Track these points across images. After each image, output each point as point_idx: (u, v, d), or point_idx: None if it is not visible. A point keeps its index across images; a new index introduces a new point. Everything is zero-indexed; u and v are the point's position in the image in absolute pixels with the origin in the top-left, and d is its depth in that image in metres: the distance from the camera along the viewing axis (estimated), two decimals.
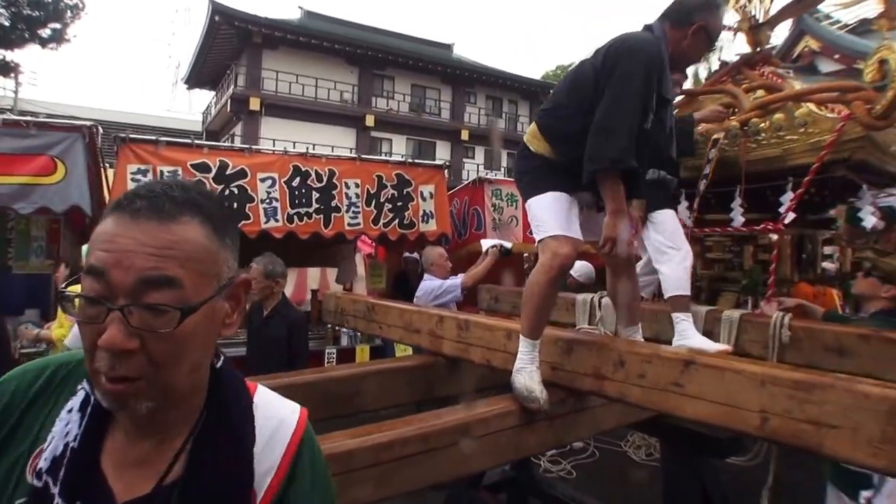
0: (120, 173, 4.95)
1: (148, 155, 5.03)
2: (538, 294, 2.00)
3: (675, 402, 1.67)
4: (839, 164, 2.93)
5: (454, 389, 2.83)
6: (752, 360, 1.70)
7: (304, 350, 3.83)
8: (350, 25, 26.25)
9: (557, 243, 1.99)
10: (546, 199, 2.06)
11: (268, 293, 3.85)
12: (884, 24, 2.61)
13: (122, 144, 4.99)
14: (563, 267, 2.01)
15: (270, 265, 3.82)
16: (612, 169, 1.92)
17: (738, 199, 3.23)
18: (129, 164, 4.95)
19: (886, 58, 2.53)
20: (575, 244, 2.01)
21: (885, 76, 2.55)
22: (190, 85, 28.39)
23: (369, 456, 1.52)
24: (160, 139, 5.22)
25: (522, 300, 2.05)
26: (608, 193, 1.96)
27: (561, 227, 2.01)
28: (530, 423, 1.93)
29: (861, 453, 1.21)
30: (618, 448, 5.00)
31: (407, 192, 6.10)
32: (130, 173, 4.96)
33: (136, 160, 4.98)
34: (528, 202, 2.15)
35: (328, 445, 1.49)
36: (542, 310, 2.01)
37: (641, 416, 2.28)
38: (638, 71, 1.91)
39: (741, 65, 3.69)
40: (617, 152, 1.89)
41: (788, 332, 2.48)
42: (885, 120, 2.57)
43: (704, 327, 2.88)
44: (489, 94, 28.02)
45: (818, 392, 1.32)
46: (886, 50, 2.54)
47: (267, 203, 5.40)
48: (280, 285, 3.90)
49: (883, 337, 2.22)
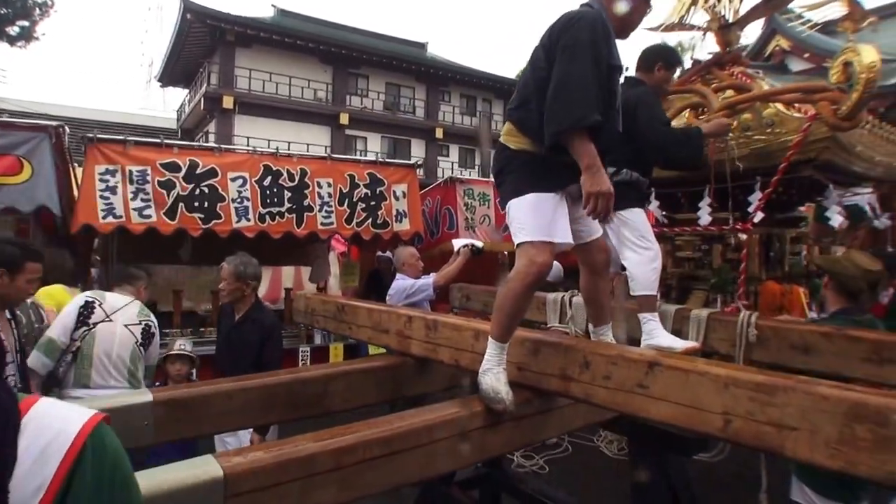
0: (88, 174, 4.89)
1: (116, 155, 4.97)
2: (513, 301, 1.96)
3: (640, 403, 1.66)
4: (806, 163, 2.96)
5: (423, 389, 2.82)
6: (716, 362, 1.69)
7: (276, 359, 3.51)
8: (324, 24, 26.12)
9: (535, 250, 1.94)
10: (527, 202, 2.00)
11: (238, 296, 3.53)
12: (848, 25, 2.64)
13: (90, 144, 4.93)
14: (541, 274, 1.96)
15: (242, 266, 3.50)
16: (576, 127, 1.85)
17: (706, 199, 3.25)
18: (97, 164, 4.90)
19: (851, 60, 2.55)
20: (552, 250, 1.96)
21: (850, 78, 2.58)
22: (163, 83, 28.04)
23: (331, 459, 1.51)
24: (128, 139, 5.15)
25: (496, 304, 2.01)
26: (578, 151, 1.88)
27: (541, 231, 1.96)
28: (496, 424, 1.91)
29: (819, 454, 1.21)
30: (590, 443, 5.03)
31: (380, 192, 6.06)
32: (98, 173, 4.90)
33: (104, 160, 4.92)
34: (509, 204, 2.07)
35: (289, 449, 1.47)
36: (514, 316, 1.98)
37: (608, 416, 2.28)
38: (583, 37, 1.89)
39: (711, 65, 3.71)
40: (578, 109, 1.84)
41: (755, 330, 2.50)
42: (850, 120, 2.61)
43: (673, 326, 2.89)
44: (463, 93, 28.05)
45: (780, 394, 1.32)
46: (851, 52, 2.56)
47: (238, 202, 5.35)
48: (252, 287, 3.58)
49: (845, 335, 2.25)
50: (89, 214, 4.83)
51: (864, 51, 2.49)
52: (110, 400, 2.03)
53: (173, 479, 1.27)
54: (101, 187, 4.88)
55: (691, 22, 3.86)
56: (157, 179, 5.06)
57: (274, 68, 22.97)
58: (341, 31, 25.81)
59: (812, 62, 14.74)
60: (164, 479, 1.26)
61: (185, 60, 24.64)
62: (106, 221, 4.89)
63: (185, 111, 26.47)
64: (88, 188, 4.87)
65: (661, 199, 3.59)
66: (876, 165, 3.26)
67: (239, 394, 2.21)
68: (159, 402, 1.99)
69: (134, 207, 4.97)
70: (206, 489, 1.28)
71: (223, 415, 2.17)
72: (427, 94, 26.78)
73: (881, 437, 1.10)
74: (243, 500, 1.34)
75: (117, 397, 2.15)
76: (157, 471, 1.31)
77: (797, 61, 19.49)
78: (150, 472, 1.31)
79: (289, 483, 1.42)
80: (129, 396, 2.09)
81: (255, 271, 3.56)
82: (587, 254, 2.25)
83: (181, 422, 2.06)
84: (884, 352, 2.15)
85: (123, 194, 4.94)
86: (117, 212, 4.92)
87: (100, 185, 4.88)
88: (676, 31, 3.99)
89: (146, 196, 5.02)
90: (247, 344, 3.47)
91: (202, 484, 1.28)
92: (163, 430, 2.00)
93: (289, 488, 1.42)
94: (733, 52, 3.69)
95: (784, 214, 3.52)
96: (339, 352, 6.48)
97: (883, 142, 3.27)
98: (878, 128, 3.22)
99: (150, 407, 1.96)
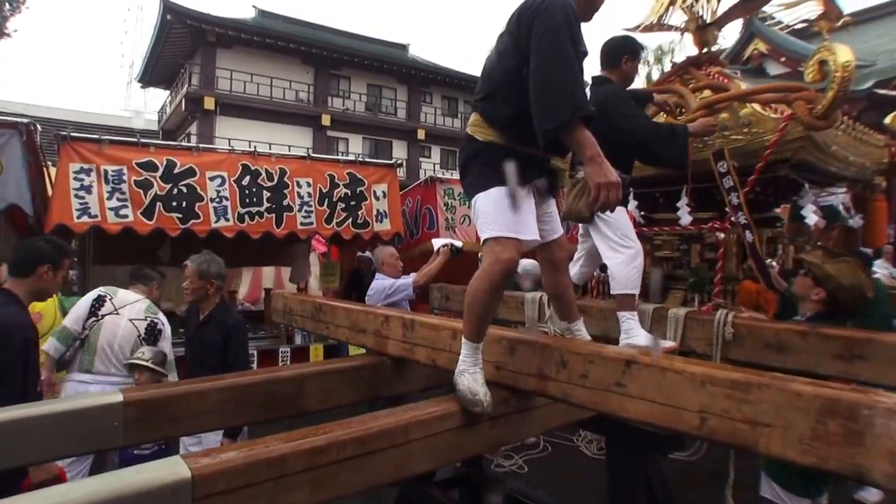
0: (62, 172, 4.84)
1: (91, 154, 4.93)
2: (481, 300, 1.92)
3: (618, 402, 1.65)
4: (782, 163, 2.97)
5: (400, 390, 2.80)
6: (692, 360, 1.68)
7: (242, 360, 3.48)
8: (305, 25, 26.10)
9: (501, 247, 1.89)
10: (492, 196, 1.92)
11: (202, 295, 3.44)
12: (824, 24, 2.65)
13: (64, 143, 4.87)
14: (507, 271, 1.91)
15: (206, 264, 3.41)
16: (574, 119, 1.76)
17: (685, 199, 3.26)
18: (71, 162, 4.86)
19: (826, 59, 2.55)
20: (518, 247, 1.91)
21: (826, 77, 2.57)
22: (144, 84, 27.90)
23: (304, 460, 1.48)
24: (103, 137, 5.09)
25: (465, 304, 1.97)
26: (579, 142, 1.79)
27: (506, 227, 1.90)
28: (472, 424, 1.89)
29: (792, 450, 1.20)
30: (570, 443, 5.04)
31: (360, 192, 6.06)
32: (73, 172, 4.86)
33: (78, 159, 4.88)
34: (475, 198, 2.00)
35: (260, 450, 1.44)
36: (485, 315, 1.94)
37: (586, 415, 2.27)
38: (558, 23, 1.80)
39: (689, 65, 3.73)
40: (573, 100, 1.75)
41: (731, 329, 2.51)
42: (825, 120, 2.62)
43: (651, 325, 2.89)
44: (445, 94, 28.15)
45: (755, 391, 1.31)
46: (826, 51, 2.56)
47: (217, 202, 5.33)
48: (216, 287, 3.47)
49: (819, 333, 2.28)
50: (64, 214, 4.77)
51: (840, 50, 2.50)
52: (79, 401, 1.98)
53: (138, 481, 1.24)
54: (76, 186, 4.83)
55: (669, 22, 3.88)
56: (134, 179, 5.01)
57: (255, 69, 22.92)
58: (322, 33, 25.80)
59: (789, 66, 15.00)
60: (130, 480, 1.23)
61: (165, 61, 24.51)
62: (81, 221, 4.83)
63: (167, 112, 26.27)
64: (63, 187, 4.81)
65: (640, 199, 3.59)
66: (850, 165, 3.30)
67: (213, 394, 2.17)
68: (130, 402, 1.93)
69: (110, 207, 4.93)
70: (172, 491, 1.25)
71: (196, 415, 2.12)
72: (409, 95, 26.85)
73: (851, 432, 1.10)
74: (212, 501, 1.31)
75: (87, 397, 2.10)
76: (122, 472, 1.28)
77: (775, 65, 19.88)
78: (115, 473, 1.29)
79: (260, 484, 1.39)
80: (98, 397, 2.03)
81: (218, 270, 3.47)
82: (549, 252, 2.23)
83: (153, 423, 2.01)
84: (854, 349, 2.17)
85: (99, 193, 4.90)
86: (92, 211, 4.88)
87: (74, 184, 4.84)
88: (655, 32, 4.01)
89: (122, 195, 4.98)
90: (211, 345, 3.42)
91: (168, 486, 1.25)
92: (134, 431, 1.94)
93: (260, 489, 1.39)
94: (711, 52, 3.71)
95: (761, 214, 3.52)
96: (319, 352, 6.48)
97: (857, 142, 3.31)
98: (852, 128, 3.25)
99: (121, 407, 1.91)
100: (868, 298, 2.49)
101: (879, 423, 1.06)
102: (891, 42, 21.11)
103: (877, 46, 21.23)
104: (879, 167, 3.61)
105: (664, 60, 20.36)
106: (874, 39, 21.68)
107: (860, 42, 21.67)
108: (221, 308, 3.53)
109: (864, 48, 21.37)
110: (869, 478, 1.08)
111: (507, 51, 1.94)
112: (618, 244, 2.89)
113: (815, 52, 2.65)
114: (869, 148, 3.44)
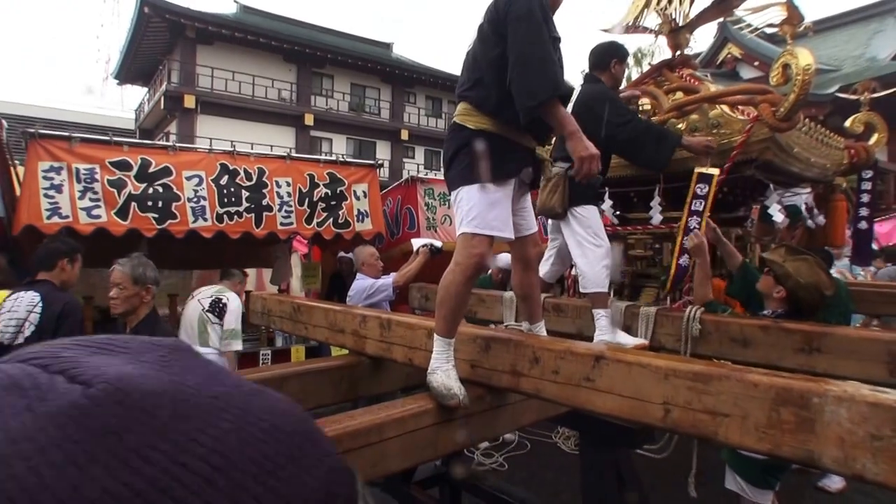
0: (30, 170, 4.60)
1: (61, 152, 4.70)
2: (454, 294, 1.96)
3: (587, 396, 1.69)
4: (748, 164, 3.06)
5: (379, 389, 2.82)
6: (657, 354, 1.74)
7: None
8: (288, 21, 25.71)
9: (475, 241, 1.95)
10: (474, 191, 1.97)
11: (136, 304, 2.89)
12: (787, 29, 2.75)
13: (31, 140, 4.64)
14: (478, 266, 1.98)
15: (141, 267, 2.92)
16: (554, 95, 1.85)
17: (657, 198, 3.33)
18: (39, 161, 4.62)
19: (789, 62, 2.65)
20: (491, 243, 1.97)
21: (789, 80, 2.67)
22: (120, 80, 27.00)
23: None
24: (73, 135, 4.88)
25: (437, 301, 2.00)
26: (559, 118, 1.89)
27: (485, 224, 1.95)
28: (447, 422, 1.92)
29: (749, 438, 1.25)
30: (548, 440, 5.09)
31: (340, 191, 6.00)
32: (42, 171, 4.62)
33: (47, 157, 4.66)
34: (458, 190, 2.03)
35: None
36: (457, 310, 1.98)
37: (560, 410, 2.31)
38: (532, 6, 1.90)
39: (662, 67, 3.82)
40: (549, 78, 1.85)
41: (699, 325, 2.58)
42: (787, 122, 2.72)
43: (624, 322, 2.96)
44: (429, 95, 27.98)
45: (714, 383, 1.36)
46: (789, 55, 2.66)
47: (195, 202, 5.20)
48: (152, 294, 2.99)
49: (780, 327, 2.37)
50: (32, 215, 4.57)
51: (801, 54, 2.60)
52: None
53: None
54: (46, 185, 4.63)
55: (644, 24, 3.96)
56: (107, 178, 4.83)
57: (237, 67, 22.38)
58: (306, 30, 25.42)
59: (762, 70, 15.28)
60: None
61: (143, 57, 23.85)
62: (51, 222, 4.62)
63: (144, 110, 25.56)
64: (31, 187, 4.60)
65: (615, 199, 3.66)
66: (812, 167, 3.41)
67: None
68: None
69: (82, 207, 4.73)
70: None
71: None
72: (392, 95, 26.62)
73: (803, 419, 1.15)
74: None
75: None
76: None
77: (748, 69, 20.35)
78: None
79: None
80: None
81: (155, 274, 3.01)
82: (522, 248, 2.27)
83: None
84: (813, 342, 2.28)
85: (70, 193, 4.70)
86: (63, 212, 4.67)
87: (44, 184, 4.63)
88: (631, 33, 4.10)
89: (95, 195, 4.79)
90: None
91: None
92: None
93: None
94: (683, 55, 3.81)
95: (730, 214, 3.64)
96: (300, 354, 6.44)
97: (818, 144, 3.42)
98: (813, 131, 3.36)
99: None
100: (826, 296, 2.56)
101: (829, 410, 1.12)
102: (856, 48, 21.77)
103: (842, 52, 21.93)
104: (839, 168, 3.74)
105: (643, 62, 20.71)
106: (842, 45, 22.36)
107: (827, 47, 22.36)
108: (150, 321, 2.97)
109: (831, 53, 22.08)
110: (820, 463, 1.13)
111: (489, 39, 2.00)
112: (588, 241, 2.95)
113: (779, 56, 2.75)
114: (829, 150, 3.57)
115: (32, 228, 4.56)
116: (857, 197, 4.09)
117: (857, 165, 3.80)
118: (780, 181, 3.43)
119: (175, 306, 6.67)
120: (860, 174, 3.97)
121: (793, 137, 3.10)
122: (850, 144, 3.76)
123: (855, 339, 2.26)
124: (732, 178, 3.13)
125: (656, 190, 3.33)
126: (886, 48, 20.55)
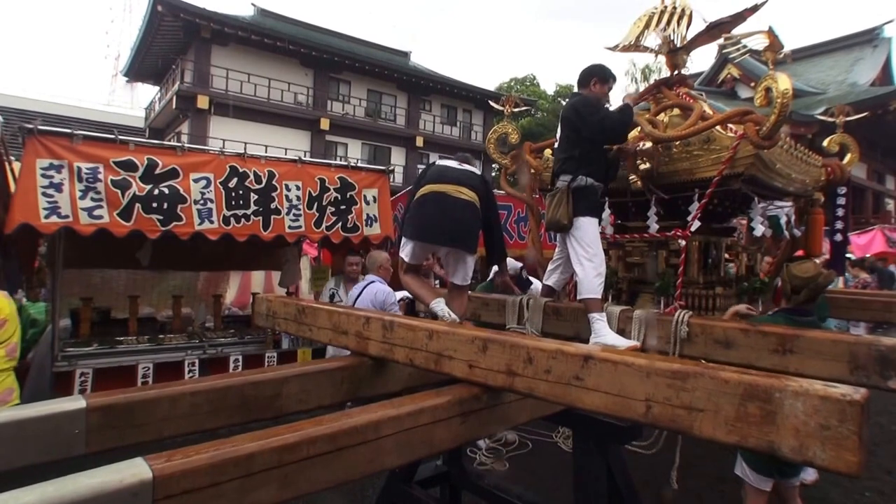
0: (28, 167, 4.45)
1: (61, 149, 4.57)
2: None
3: (577, 394, 1.77)
4: (735, 178, 3.29)
5: (380, 390, 2.88)
6: (640, 354, 1.84)
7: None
8: (305, 26, 25.72)
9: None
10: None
11: None
12: (769, 55, 2.98)
13: (29, 136, 4.49)
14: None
15: None
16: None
17: (653, 208, 3.51)
18: (38, 157, 4.48)
19: (770, 86, 2.89)
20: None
21: (770, 102, 2.90)
22: (130, 78, 27.03)
23: (272, 457, 1.48)
24: (76, 133, 4.72)
25: None
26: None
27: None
28: (443, 420, 1.98)
29: (720, 432, 1.35)
30: (549, 439, 5.19)
31: (350, 196, 6.05)
32: (41, 168, 4.48)
33: (47, 154, 4.52)
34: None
35: (227, 449, 1.43)
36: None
37: (554, 409, 2.41)
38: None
39: (661, 85, 4.09)
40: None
41: (686, 328, 2.75)
42: (769, 140, 2.98)
43: (618, 325, 3.10)
44: (444, 103, 28.19)
45: (691, 380, 1.46)
46: (770, 79, 2.90)
47: (201, 204, 5.13)
48: None
49: (758, 330, 2.58)
50: (28, 213, 4.41)
51: (780, 79, 2.84)
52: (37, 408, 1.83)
53: (96, 484, 1.19)
54: (44, 184, 4.47)
55: (646, 44, 4.15)
56: (111, 178, 4.70)
57: (253, 69, 22.29)
58: (323, 35, 25.47)
59: None
60: (87, 483, 1.19)
61: (155, 55, 23.70)
62: (49, 221, 4.47)
63: (155, 109, 25.39)
64: (27, 184, 4.44)
65: (614, 209, 3.89)
66: (793, 182, 3.67)
67: (185, 398, 2.07)
68: (94, 408, 1.84)
69: (83, 207, 4.60)
70: (131, 492, 1.22)
71: (166, 420, 2.02)
72: (408, 102, 26.78)
73: (766, 412, 1.26)
74: (174, 502, 1.28)
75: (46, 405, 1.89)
76: (79, 475, 1.22)
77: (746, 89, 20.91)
78: (72, 476, 1.22)
79: (226, 483, 1.37)
80: (58, 403, 1.87)
81: None
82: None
83: (118, 429, 1.90)
84: (786, 343, 2.49)
85: (71, 192, 4.56)
86: (62, 211, 4.53)
87: (42, 182, 4.47)
88: (632, 52, 4.32)
89: (97, 195, 4.66)
90: None
91: (128, 487, 1.21)
92: (97, 438, 1.84)
93: (225, 488, 1.37)
94: (681, 74, 4.07)
95: (720, 224, 3.93)
96: (307, 356, 6.35)
97: (798, 161, 3.70)
98: (794, 149, 3.64)
99: (83, 414, 1.82)
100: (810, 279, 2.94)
101: (788, 403, 1.22)
102: (839, 73, 22.85)
103: (828, 76, 23.13)
104: (817, 184, 4.07)
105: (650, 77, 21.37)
106: (827, 70, 23.51)
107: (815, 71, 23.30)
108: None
109: (818, 77, 23.09)
110: (780, 452, 1.24)
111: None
112: (584, 257, 3.23)
113: (762, 79, 3.00)
114: (808, 167, 3.87)
115: (28, 227, 4.45)
116: (833, 211, 4.41)
117: (833, 182, 4.17)
118: (765, 195, 3.69)
119: (180, 308, 6.67)
120: (836, 190, 4.31)
121: (775, 154, 3.36)
122: (827, 162, 4.10)
123: (821, 341, 2.48)
124: (722, 190, 3.35)
125: (652, 200, 3.52)
126: (866, 74, 22.01)
